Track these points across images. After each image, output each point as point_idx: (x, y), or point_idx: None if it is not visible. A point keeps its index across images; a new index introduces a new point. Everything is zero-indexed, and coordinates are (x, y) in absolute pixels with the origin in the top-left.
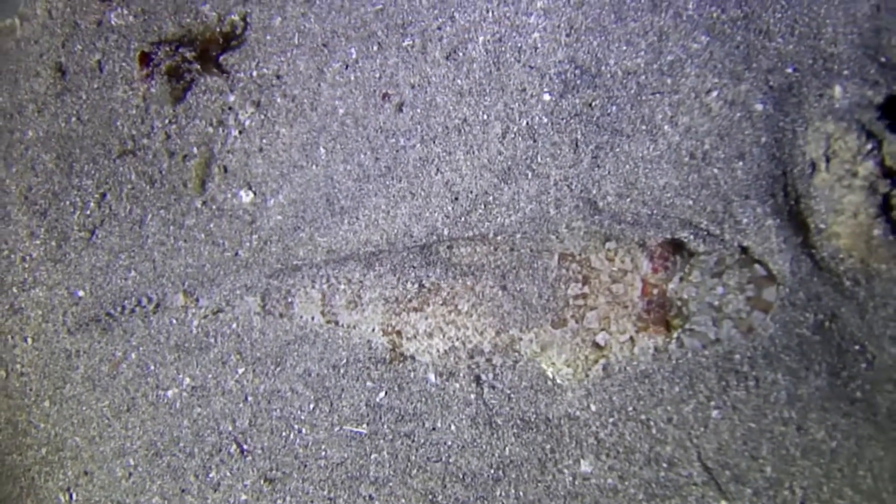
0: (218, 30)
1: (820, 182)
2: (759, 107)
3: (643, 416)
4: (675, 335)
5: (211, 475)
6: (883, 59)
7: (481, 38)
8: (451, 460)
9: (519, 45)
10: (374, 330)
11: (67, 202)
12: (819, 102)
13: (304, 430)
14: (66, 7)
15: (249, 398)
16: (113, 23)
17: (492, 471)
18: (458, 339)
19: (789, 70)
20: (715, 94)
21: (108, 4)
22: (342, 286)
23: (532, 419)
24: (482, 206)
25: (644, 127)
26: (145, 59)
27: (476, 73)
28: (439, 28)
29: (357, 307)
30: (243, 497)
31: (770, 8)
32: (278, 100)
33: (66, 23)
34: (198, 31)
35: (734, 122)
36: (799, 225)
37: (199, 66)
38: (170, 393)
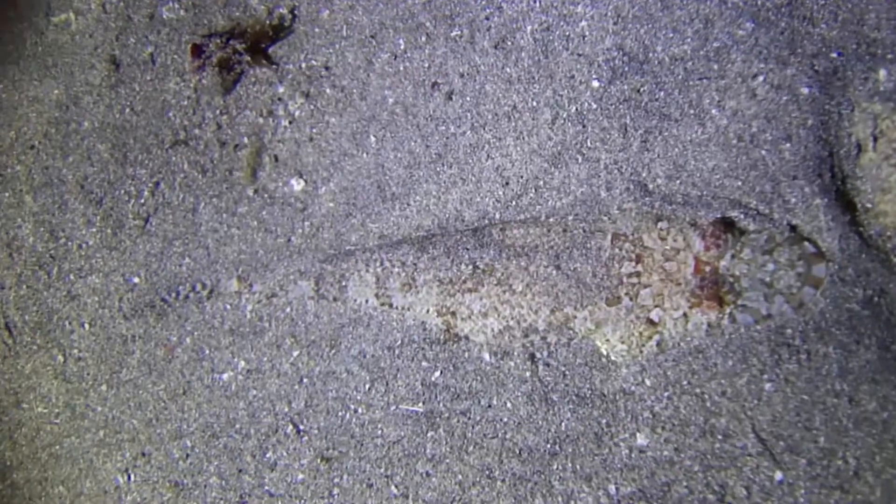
0: (267, 22)
1: (867, 162)
2: (805, 90)
3: (697, 390)
4: (727, 311)
5: (268, 455)
6: None
7: (529, 28)
8: (507, 436)
9: (567, 33)
10: (428, 311)
11: (122, 191)
12: (864, 85)
13: (360, 410)
14: (120, 1)
15: (305, 380)
16: (164, 16)
17: (548, 445)
18: (512, 319)
19: (834, 55)
20: (761, 78)
21: None
22: (396, 269)
23: (587, 395)
24: (533, 190)
25: (692, 111)
26: (197, 51)
27: (525, 62)
28: (487, 18)
29: (412, 289)
30: (300, 476)
31: None
32: (327, 90)
33: (119, 16)
34: (247, 23)
35: (781, 106)
36: (846, 204)
37: (249, 58)
38: (225, 376)
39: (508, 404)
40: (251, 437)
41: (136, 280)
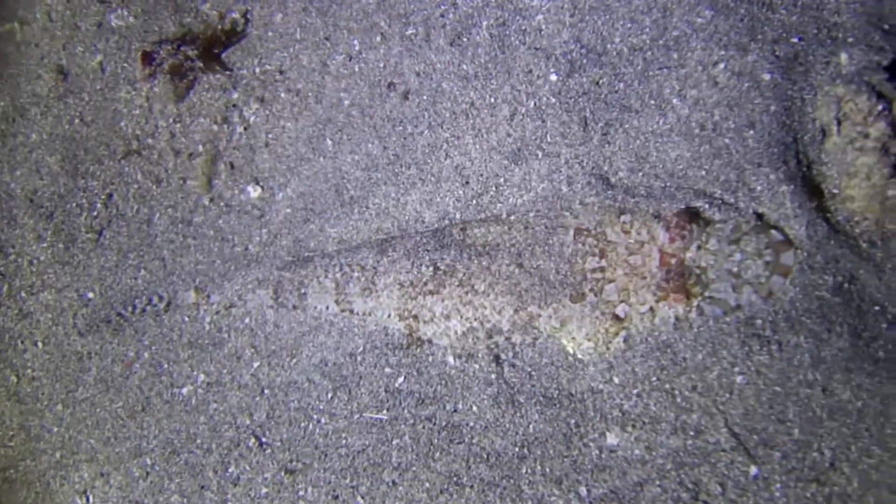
0: (219, 27)
1: (831, 146)
2: (767, 76)
3: (667, 386)
4: (695, 303)
5: (230, 470)
6: (886, 27)
7: (485, 23)
8: (474, 441)
9: (523, 27)
10: (390, 315)
11: (74, 204)
12: (826, 70)
13: (323, 420)
14: (66, 10)
15: (266, 391)
16: (113, 24)
17: (516, 449)
18: (475, 320)
19: (795, 40)
20: (722, 66)
21: (108, 6)
22: (356, 273)
23: (555, 395)
24: (493, 188)
25: (653, 102)
26: (147, 58)
27: (481, 58)
28: (442, 15)
29: (372, 293)
30: (264, 490)
31: None
32: (282, 95)
33: (66, 25)
34: (199, 29)
35: (743, 93)
36: (812, 190)
37: (201, 64)
38: (185, 390)
39: (474, 408)
40: (213, 451)
41: (91, 295)
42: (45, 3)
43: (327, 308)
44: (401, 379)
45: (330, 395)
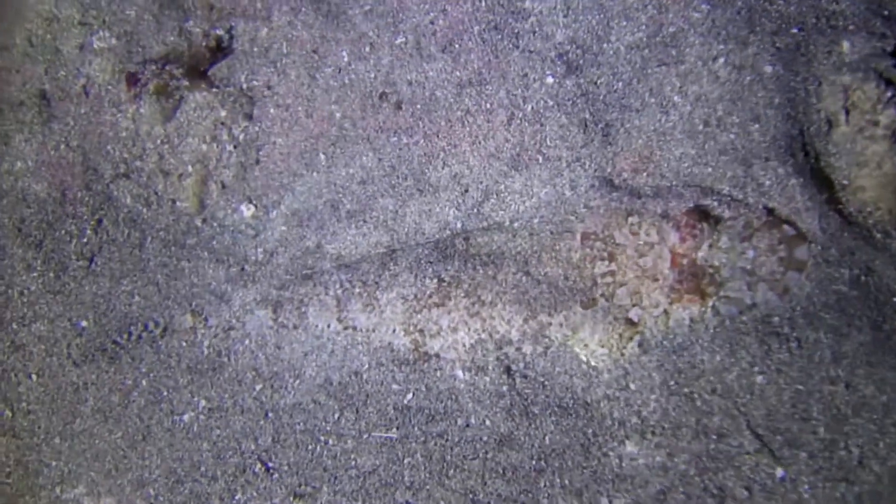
0: (204, 45)
1: (840, 136)
2: (769, 69)
3: (686, 390)
4: (709, 304)
5: (237, 497)
6: (886, 13)
7: (476, 28)
8: (489, 456)
9: (516, 30)
10: (394, 331)
11: (63, 231)
12: (829, 59)
13: (330, 441)
14: (47, 34)
15: (270, 414)
16: (95, 46)
17: (533, 462)
18: (484, 331)
19: (794, 30)
20: (722, 60)
21: (90, 28)
22: (357, 289)
23: (570, 405)
24: (494, 196)
25: (653, 100)
26: (132, 79)
27: (474, 64)
28: (432, 22)
29: (375, 309)
30: None
31: None
32: (271, 110)
33: (47, 49)
34: (183, 48)
35: (745, 87)
36: (822, 182)
37: (187, 83)
38: (186, 417)
39: (487, 422)
40: (218, 479)
41: (85, 324)
42: (24, 28)
43: (329, 326)
44: (409, 395)
45: (336, 416)
